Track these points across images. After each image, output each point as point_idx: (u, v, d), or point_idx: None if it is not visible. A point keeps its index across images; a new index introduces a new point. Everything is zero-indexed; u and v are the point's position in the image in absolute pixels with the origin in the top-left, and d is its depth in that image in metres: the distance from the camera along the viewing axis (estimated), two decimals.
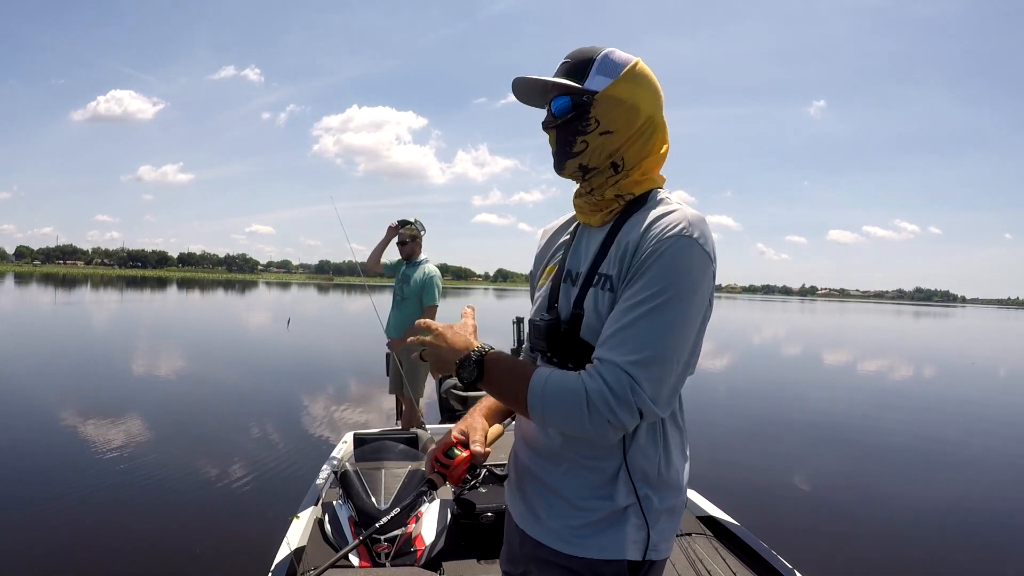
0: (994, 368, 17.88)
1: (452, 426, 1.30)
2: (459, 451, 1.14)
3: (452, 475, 1.12)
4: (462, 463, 1.12)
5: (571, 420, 1.00)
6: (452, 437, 1.18)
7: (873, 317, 57.35)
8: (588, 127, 1.14)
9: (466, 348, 1.11)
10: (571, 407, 0.99)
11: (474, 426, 1.19)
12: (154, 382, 9.54)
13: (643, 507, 1.10)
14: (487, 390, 1.11)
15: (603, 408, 0.97)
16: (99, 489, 4.72)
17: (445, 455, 1.15)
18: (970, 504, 5.36)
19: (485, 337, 1.18)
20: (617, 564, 1.09)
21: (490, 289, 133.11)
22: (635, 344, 0.99)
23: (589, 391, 0.98)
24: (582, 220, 1.25)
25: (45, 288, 43.11)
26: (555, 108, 1.16)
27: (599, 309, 1.10)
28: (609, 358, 1.00)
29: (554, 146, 1.20)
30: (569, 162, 1.18)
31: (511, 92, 1.19)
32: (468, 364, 1.09)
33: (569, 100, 1.14)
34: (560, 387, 1.01)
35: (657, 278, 1.01)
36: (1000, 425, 9.17)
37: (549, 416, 1.03)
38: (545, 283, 1.26)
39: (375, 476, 2.96)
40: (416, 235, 4.87)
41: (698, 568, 2.52)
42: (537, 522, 1.17)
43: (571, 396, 0.99)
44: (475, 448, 1.14)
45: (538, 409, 1.03)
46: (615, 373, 0.98)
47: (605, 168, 1.17)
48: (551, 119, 1.18)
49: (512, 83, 1.18)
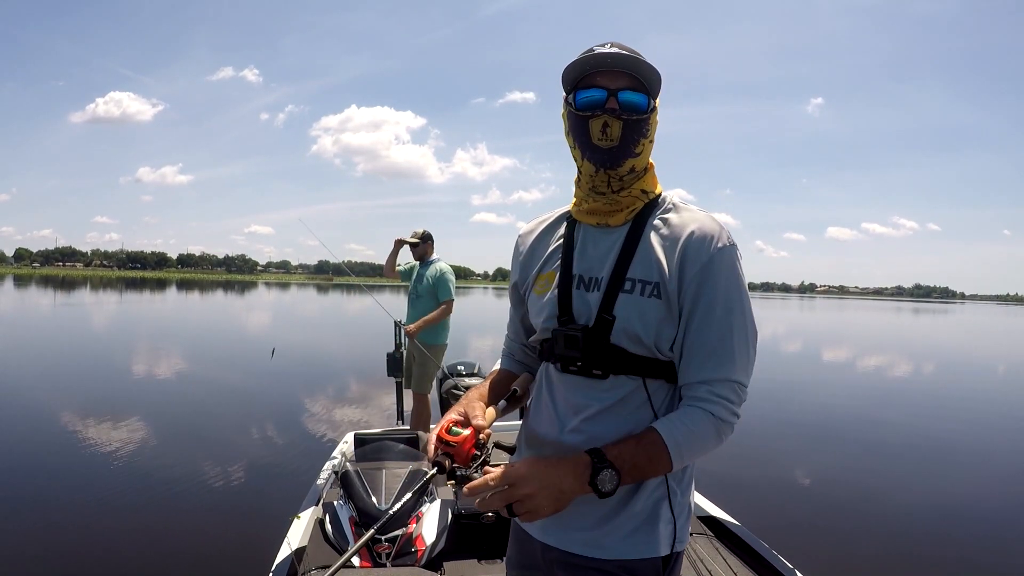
0: (995, 364, 17.89)
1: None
2: (461, 429, 1.11)
3: (459, 453, 1.07)
4: (467, 439, 1.08)
5: (710, 449, 1.10)
6: (450, 418, 1.14)
7: (873, 314, 57.39)
8: (648, 131, 1.14)
9: (572, 467, 1.02)
10: (708, 442, 1.09)
11: (472, 405, 1.16)
12: (155, 383, 9.54)
13: (672, 502, 1.13)
14: (626, 484, 1.04)
15: (731, 419, 1.09)
16: (100, 490, 4.72)
17: (448, 433, 1.10)
18: (972, 502, 5.36)
19: (485, 336, 1.16)
20: (652, 561, 1.11)
21: (490, 288, 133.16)
22: (732, 357, 1.09)
23: (718, 415, 1.08)
24: (593, 221, 1.20)
25: (44, 290, 43.07)
26: (630, 101, 1.10)
27: (644, 315, 1.10)
28: (718, 376, 1.09)
29: (615, 140, 1.11)
30: (628, 161, 1.13)
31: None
32: (602, 480, 1.00)
33: (646, 99, 1.12)
34: (691, 432, 1.07)
35: (727, 292, 1.09)
36: (1002, 421, 9.18)
37: (692, 460, 1.11)
38: (549, 290, 1.21)
39: (376, 476, 2.96)
40: (428, 236, 5.02)
41: (699, 568, 2.51)
42: (564, 533, 1.15)
43: (705, 433, 1.07)
44: (477, 423, 1.10)
45: (683, 463, 1.09)
46: (728, 387, 1.09)
47: (640, 171, 1.18)
48: (617, 108, 1.10)
49: (602, 55, 1.08)
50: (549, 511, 1.01)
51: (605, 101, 1.10)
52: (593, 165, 1.14)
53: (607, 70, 1.10)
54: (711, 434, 1.08)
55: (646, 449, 1.04)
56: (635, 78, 1.10)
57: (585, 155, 1.14)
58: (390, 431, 3.84)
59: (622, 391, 1.12)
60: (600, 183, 1.16)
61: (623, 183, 1.16)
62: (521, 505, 0.99)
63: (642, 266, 1.11)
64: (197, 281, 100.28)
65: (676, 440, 1.05)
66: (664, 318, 1.10)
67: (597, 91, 1.10)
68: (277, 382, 9.97)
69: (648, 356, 1.11)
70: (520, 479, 0.99)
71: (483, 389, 1.30)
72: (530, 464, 1.02)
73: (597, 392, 1.13)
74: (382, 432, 3.72)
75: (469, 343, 14.46)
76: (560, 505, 1.01)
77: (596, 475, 1.00)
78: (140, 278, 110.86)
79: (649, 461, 1.05)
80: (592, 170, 1.15)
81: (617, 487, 1.02)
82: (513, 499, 0.99)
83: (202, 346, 14.63)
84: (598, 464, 1.01)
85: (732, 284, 1.09)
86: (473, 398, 1.23)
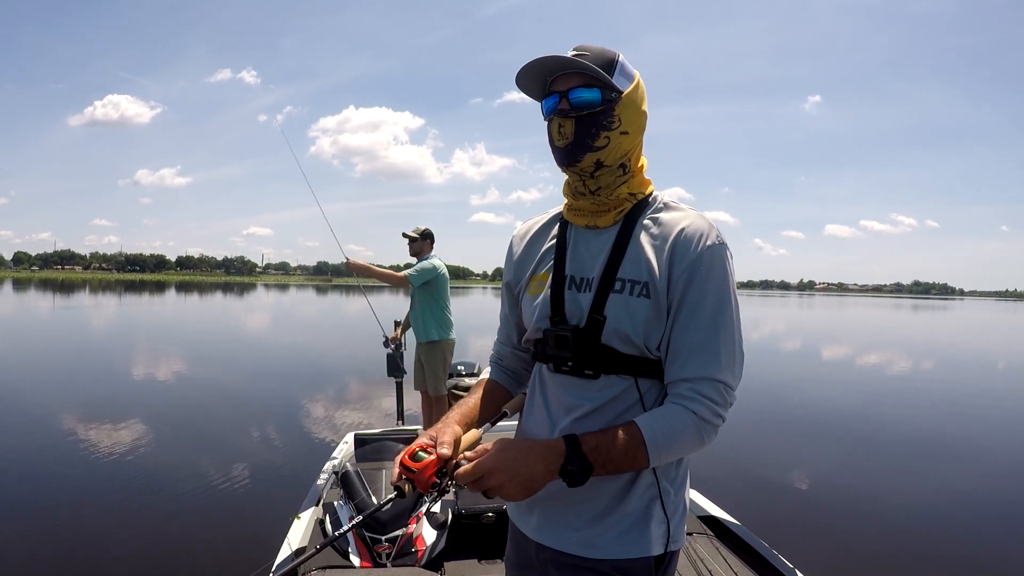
0: (995, 360, 17.91)
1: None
2: (427, 454, 1.07)
3: (419, 479, 1.05)
4: (428, 466, 1.05)
5: (690, 449, 1.10)
6: (419, 443, 1.10)
7: (872, 311, 57.41)
8: (612, 124, 1.14)
9: (543, 454, 1.03)
10: (689, 440, 1.07)
11: (443, 430, 1.13)
12: (155, 386, 9.54)
13: (664, 502, 1.14)
14: (600, 475, 1.05)
15: (714, 420, 1.08)
16: (101, 491, 4.72)
17: (412, 459, 1.08)
18: (972, 500, 5.37)
19: (485, 336, 1.15)
20: (644, 560, 1.12)
21: (488, 288, 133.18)
22: (717, 356, 1.08)
23: (699, 414, 1.06)
24: (582, 222, 1.21)
25: (43, 294, 43.05)
26: (580, 99, 1.12)
27: (634, 315, 1.10)
28: (702, 375, 1.08)
29: (569, 137, 1.14)
30: (588, 155, 1.14)
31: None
32: (572, 469, 1.01)
33: (600, 93, 1.12)
34: (671, 430, 1.06)
35: (714, 291, 1.09)
36: (1002, 418, 9.18)
37: (670, 458, 1.10)
38: (542, 291, 1.22)
39: (376, 476, 2.96)
40: (427, 234, 4.92)
41: (699, 568, 2.51)
42: (557, 533, 1.16)
43: (685, 432, 1.07)
44: (441, 451, 1.06)
45: (661, 460, 1.08)
46: (712, 386, 1.07)
47: (615, 167, 1.16)
48: (567, 108, 1.13)
49: (533, 62, 1.11)
50: (522, 497, 1.03)
51: (558, 103, 1.14)
52: (559, 164, 1.18)
53: (560, 74, 1.14)
54: (692, 433, 1.07)
55: (623, 443, 1.04)
56: (586, 76, 1.12)
57: (554, 156, 1.19)
58: (390, 431, 3.84)
59: (614, 391, 1.13)
60: (576, 182, 1.19)
61: (599, 182, 1.16)
62: (492, 493, 1.02)
63: (632, 266, 1.12)
64: (196, 283, 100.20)
65: (655, 436, 1.05)
66: (653, 317, 1.10)
67: (552, 97, 1.15)
68: (277, 383, 9.98)
69: (639, 356, 1.12)
70: (488, 472, 1.01)
71: (467, 408, 1.27)
72: (499, 456, 1.02)
73: (589, 392, 1.14)
74: (382, 432, 3.72)
75: (469, 343, 14.46)
76: (531, 492, 1.03)
77: (567, 464, 1.02)
78: (139, 280, 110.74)
79: (625, 455, 1.04)
80: (562, 169, 1.19)
81: (587, 478, 1.03)
82: (484, 489, 1.01)
83: (202, 348, 14.62)
84: (572, 454, 1.02)
85: (720, 283, 1.09)
86: (452, 420, 1.21)
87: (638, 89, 1.17)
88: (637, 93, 1.16)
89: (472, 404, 1.29)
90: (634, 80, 1.16)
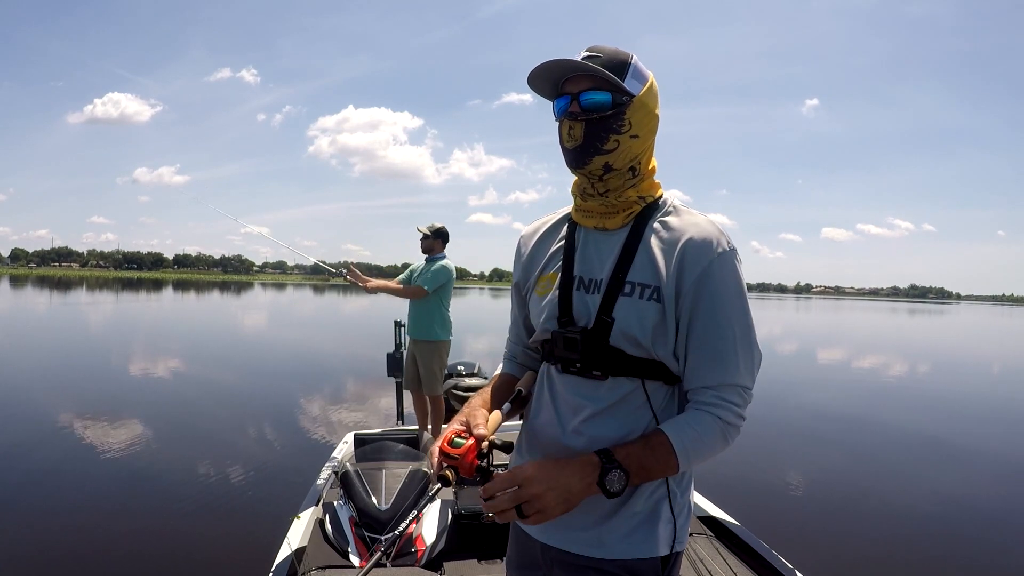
0: (990, 364, 17.96)
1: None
2: (463, 440, 1.08)
3: (462, 465, 1.04)
4: (470, 450, 1.05)
5: (716, 452, 1.11)
6: (452, 429, 1.12)
7: (869, 315, 57.52)
8: (622, 127, 1.13)
9: (580, 468, 1.02)
10: (715, 445, 1.10)
11: (473, 414, 1.14)
12: (153, 384, 9.51)
13: (672, 502, 1.15)
14: (635, 484, 1.07)
15: (737, 422, 1.11)
16: (100, 491, 4.71)
17: (450, 445, 1.08)
18: (970, 501, 5.38)
19: (483, 336, 1.15)
20: (651, 561, 1.12)
21: (486, 289, 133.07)
22: (737, 362, 1.11)
23: (724, 419, 1.09)
24: (591, 224, 1.21)
25: (41, 291, 42.91)
26: (591, 101, 1.12)
27: (642, 318, 1.10)
28: (725, 382, 1.10)
29: (578, 140, 1.14)
30: (597, 158, 1.14)
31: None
32: (611, 480, 1.02)
33: (610, 96, 1.12)
34: (699, 436, 1.08)
35: (728, 298, 1.10)
36: (998, 421, 9.20)
37: (698, 463, 1.12)
38: (550, 292, 1.22)
39: (376, 476, 2.96)
40: (441, 232, 4.81)
41: (699, 568, 2.52)
42: (564, 532, 1.16)
43: (712, 437, 1.09)
44: (479, 432, 1.07)
45: (690, 465, 1.10)
46: (734, 391, 1.11)
47: (625, 170, 1.16)
48: (577, 111, 1.13)
49: (543, 65, 1.11)
50: (558, 512, 1.00)
51: (569, 106, 1.14)
52: (568, 165, 1.19)
53: (572, 76, 1.14)
54: (718, 437, 1.09)
55: (654, 451, 1.06)
56: (596, 78, 1.12)
57: (564, 157, 1.19)
58: (390, 431, 3.84)
59: (621, 392, 1.13)
60: (585, 183, 1.19)
61: (608, 185, 1.16)
62: (530, 506, 0.98)
63: (641, 269, 1.12)
64: (193, 281, 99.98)
65: (684, 443, 1.06)
66: (660, 321, 1.11)
67: (563, 98, 1.15)
68: (277, 383, 9.96)
69: (646, 358, 1.12)
70: (528, 480, 0.99)
71: (485, 395, 1.28)
72: (538, 465, 1.02)
73: (597, 393, 1.14)
74: (382, 432, 3.72)
75: (468, 343, 14.47)
76: (569, 506, 1.01)
77: (605, 475, 1.02)
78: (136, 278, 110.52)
79: (657, 463, 1.06)
80: (572, 171, 1.20)
81: (625, 487, 1.03)
82: (522, 499, 0.98)
83: (200, 347, 14.59)
84: (607, 464, 1.02)
85: (733, 289, 1.10)
86: (476, 405, 1.22)
87: (651, 92, 1.16)
88: (650, 96, 1.16)
89: (487, 394, 1.29)
90: (647, 83, 1.15)
